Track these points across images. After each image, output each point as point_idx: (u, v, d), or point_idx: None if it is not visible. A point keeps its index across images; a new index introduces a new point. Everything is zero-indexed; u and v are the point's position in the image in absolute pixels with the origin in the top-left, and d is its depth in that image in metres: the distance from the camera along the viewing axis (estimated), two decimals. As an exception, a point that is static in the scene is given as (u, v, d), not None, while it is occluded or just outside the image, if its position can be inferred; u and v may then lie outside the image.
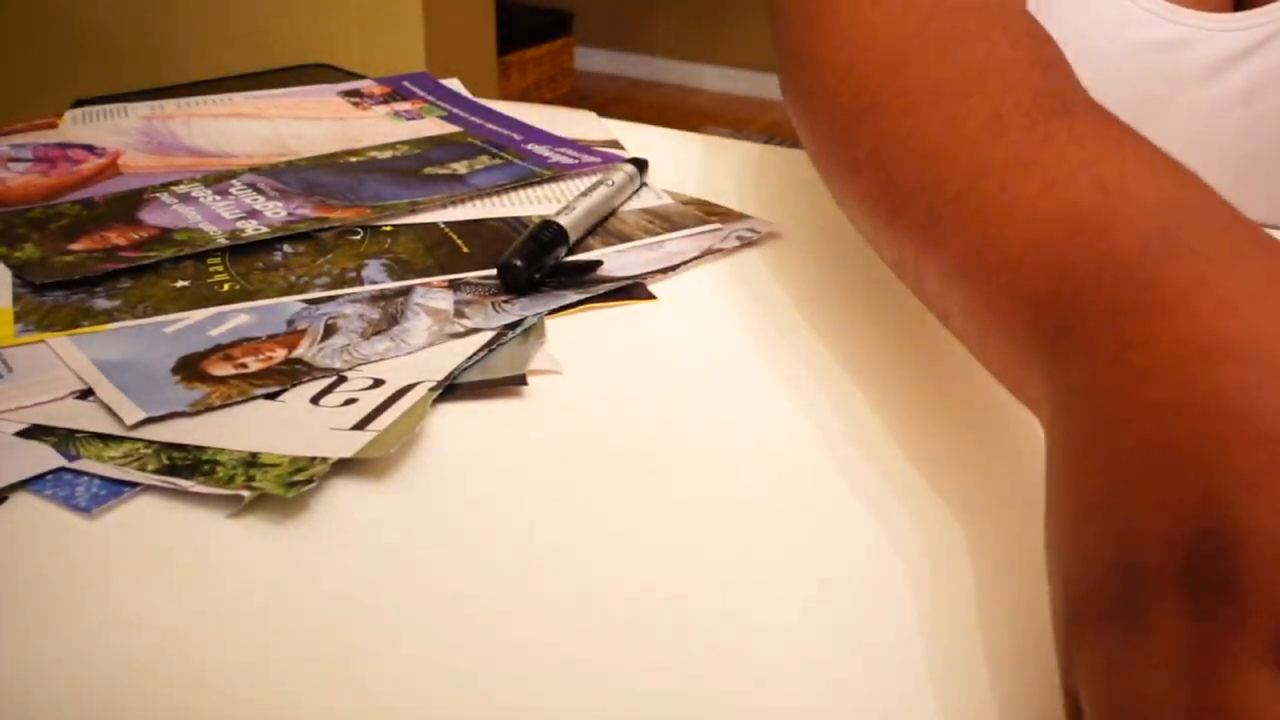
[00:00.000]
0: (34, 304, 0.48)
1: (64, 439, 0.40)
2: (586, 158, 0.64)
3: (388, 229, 0.56)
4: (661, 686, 0.31)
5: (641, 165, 0.61)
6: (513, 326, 0.47)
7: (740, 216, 0.58)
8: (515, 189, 0.60)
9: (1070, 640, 0.26)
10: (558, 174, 0.62)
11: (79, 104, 0.71)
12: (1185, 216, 0.29)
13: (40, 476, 0.38)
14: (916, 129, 0.40)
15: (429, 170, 0.62)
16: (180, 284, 0.50)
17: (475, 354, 0.45)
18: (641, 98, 3.53)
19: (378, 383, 0.43)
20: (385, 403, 0.42)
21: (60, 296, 0.49)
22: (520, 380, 0.44)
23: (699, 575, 0.35)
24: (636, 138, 0.69)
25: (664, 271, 0.53)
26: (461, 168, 0.62)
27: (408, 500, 0.38)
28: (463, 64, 1.86)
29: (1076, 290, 0.30)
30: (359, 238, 0.55)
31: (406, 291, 0.50)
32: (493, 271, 0.51)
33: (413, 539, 0.36)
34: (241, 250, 0.53)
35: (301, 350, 0.45)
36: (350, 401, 0.42)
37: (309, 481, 0.37)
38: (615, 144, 0.68)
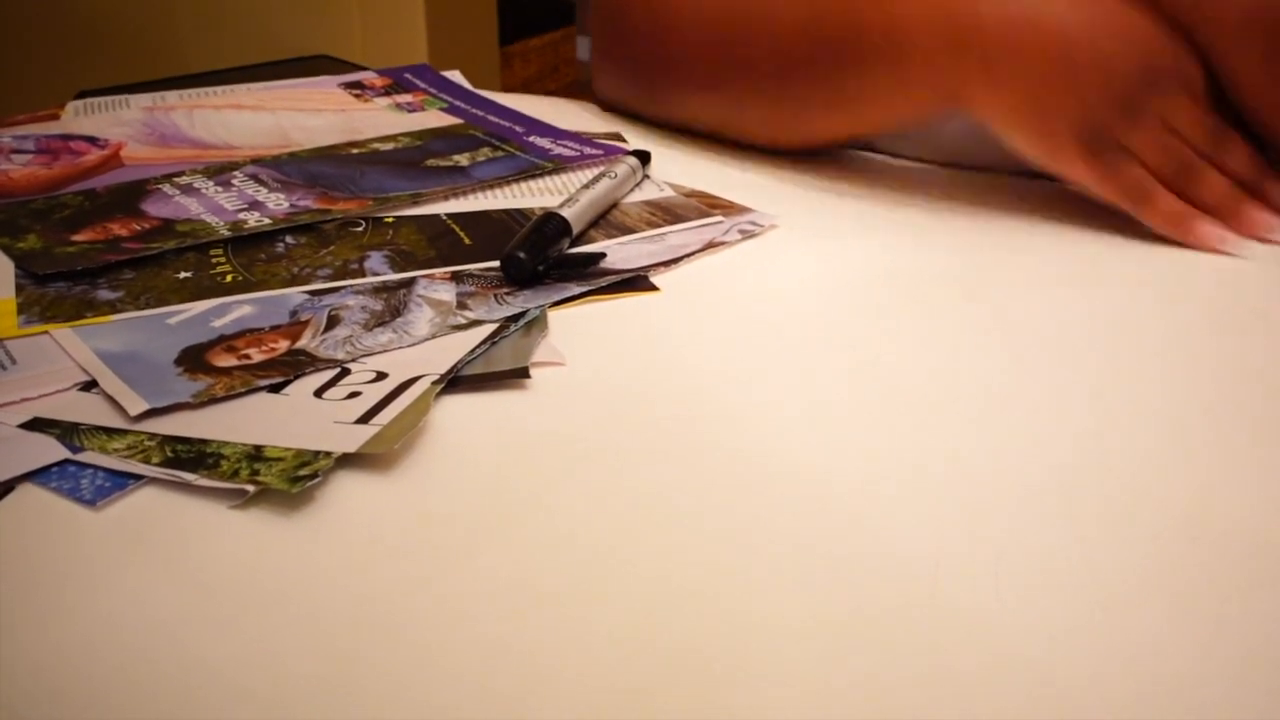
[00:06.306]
0: (37, 295, 0.48)
1: (67, 431, 0.40)
2: (588, 150, 0.64)
3: (390, 220, 0.56)
4: (666, 681, 0.31)
5: (644, 157, 0.61)
6: (515, 318, 0.47)
7: (742, 209, 0.58)
8: (517, 181, 0.60)
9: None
10: (560, 166, 0.62)
11: (81, 95, 0.71)
12: None
13: (45, 469, 0.38)
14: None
15: (431, 162, 0.62)
16: (183, 275, 0.50)
17: (478, 346, 0.45)
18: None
19: (381, 375, 0.43)
20: (389, 396, 0.42)
21: (63, 288, 0.49)
22: (523, 372, 0.44)
23: (703, 566, 0.35)
24: (638, 130, 0.69)
25: (666, 264, 0.53)
26: (463, 160, 0.62)
27: (412, 493, 0.38)
28: (465, 55, 1.85)
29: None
30: (361, 229, 0.55)
31: (409, 283, 0.50)
32: (495, 263, 0.51)
33: (417, 532, 0.36)
34: (244, 241, 0.53)
35: (304, 341, 0.45)
36: (354, 395, 0.42)
37: (313, 476, 0.37)
38: (617, 136, 0.68)
